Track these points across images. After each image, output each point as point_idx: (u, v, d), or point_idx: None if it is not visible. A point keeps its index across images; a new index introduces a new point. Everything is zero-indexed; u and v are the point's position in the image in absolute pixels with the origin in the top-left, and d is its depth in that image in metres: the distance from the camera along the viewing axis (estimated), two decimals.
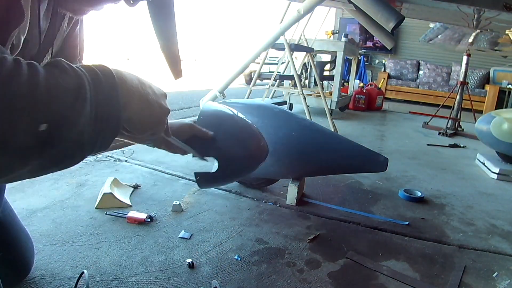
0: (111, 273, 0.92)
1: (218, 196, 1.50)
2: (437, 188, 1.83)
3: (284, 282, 0.95)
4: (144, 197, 1.42)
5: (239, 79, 6.90)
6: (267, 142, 1.32)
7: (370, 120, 4.05)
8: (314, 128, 1.36)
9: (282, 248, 1.12)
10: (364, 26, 2.78)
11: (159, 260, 1.00)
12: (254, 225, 1.27)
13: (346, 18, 7.37)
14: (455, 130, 3.55)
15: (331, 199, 1.56)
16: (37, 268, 0.91)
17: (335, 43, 3.84)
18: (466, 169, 2.26)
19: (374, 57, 7.63)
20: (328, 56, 4.89)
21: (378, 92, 5.16)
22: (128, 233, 1.13)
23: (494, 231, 1.37)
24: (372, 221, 1.38)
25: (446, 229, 1.35)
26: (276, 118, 1.36)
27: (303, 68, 4.34)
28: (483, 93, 6.12)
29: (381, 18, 1.86)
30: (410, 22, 6.34)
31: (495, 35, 3.15)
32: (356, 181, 1.82)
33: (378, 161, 1.32)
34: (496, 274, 1.06)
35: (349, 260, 1.08)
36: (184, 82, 6.41)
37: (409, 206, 1.56)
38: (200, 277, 0.94)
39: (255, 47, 2.28)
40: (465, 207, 1.60)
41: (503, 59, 5.98)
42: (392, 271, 1.04)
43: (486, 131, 2.18)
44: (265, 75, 3.40)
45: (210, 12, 33.96)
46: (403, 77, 6.96)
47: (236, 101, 1.54)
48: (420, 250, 1.18)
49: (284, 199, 1.49)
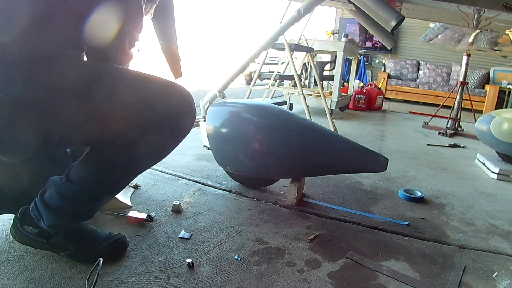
0: (111, 273, 0.92)
1: (218, 196, 1.50)
2: (437, 188, 1.83)
3: (284, 282, 0.95)
4: (144, 197, 1.42)
5: (239, 79, 6.90)
6: (267, 142, 1.33)
7: (370, 120, 4.05)
8: (314, 128, 1.36)
9: (282, 248, 1.12)
10: (364, 26, 2.78)
11: (159, 260, 1.00)
12: (254, 225, 1.27)
13: (346, 18, 7.36)
14: (455, 130, 3.55)
15: (331, 199, 1.56)
16: (37, 268, 0.91)
17: (335, 43, 3.84)
18: (466, 169, 2.26)
19: (374, 57, 7.62)
20: (328, 56, 4.89)
21: (378, 92, 5.15)
22: (128, 233, 1.13)
23: (494, 231, 1.37)
24: (372, 221, 1.38)
25: (446, 229, 1.35)
26: (276, 118, 1.36)
27: (303, 68, 4.34)
28: (483, 93, 6.12)
29: (381, 18, 1.86)
30: (410, 22, 6.33)
31: (495, 35, 3.15)
32: (356, 181, 1.82)
33: (378, 161, 1.32)
34: (496, 274, 1.06)
35: (349, 260, 1.08)
36: (184, 82, 6.39)
37: (409, 206, 1.56)
38: (200, 277, 0.94)
39: (255, 47, 2.28)
40: (465, 207, 1.60)
41: (503, 59, 5.98)
42: (392, 271, 1.04)
43: (486, 131, 2.18)
44: (265, 75, 3.40)
45: (210, 12, 33.94)
46: (403, 77, 6.95)
47: (236, 101, 1.55)
48: (420, 250, 1.18)
49: (284, 199, 1.49)
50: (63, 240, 0.93)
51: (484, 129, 2.21)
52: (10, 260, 0.93)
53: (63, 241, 0.93)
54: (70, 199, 0.89)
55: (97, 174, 0.89)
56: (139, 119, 0.80)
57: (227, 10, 37.30)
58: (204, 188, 1.58)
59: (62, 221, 0.91)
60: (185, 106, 0.86)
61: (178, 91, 0.85)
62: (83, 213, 0.94)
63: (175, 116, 0.85)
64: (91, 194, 0.91)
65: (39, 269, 0.90)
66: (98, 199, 0.94)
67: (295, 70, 2.81)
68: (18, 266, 0.92)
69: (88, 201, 0.92)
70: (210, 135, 1.46)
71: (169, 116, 0.83)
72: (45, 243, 0.93)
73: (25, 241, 0.94)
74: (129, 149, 0.84)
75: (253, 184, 1.59)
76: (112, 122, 0.78)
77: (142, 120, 0.80)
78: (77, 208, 0.91)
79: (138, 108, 0.79)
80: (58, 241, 0.93)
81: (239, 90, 6.10)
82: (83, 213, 0.94)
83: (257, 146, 1.33)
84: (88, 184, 0.89)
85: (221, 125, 1.42)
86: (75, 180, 0.89)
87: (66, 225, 0.93)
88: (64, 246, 0.93)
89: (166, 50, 0.94)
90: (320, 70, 4.41)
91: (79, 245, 0.94)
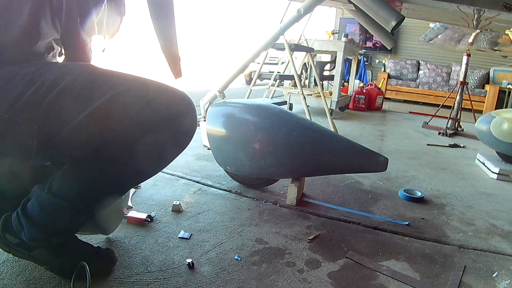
0: (111, 273, 0.92)
1: (218, 196, 1.50)
2: (437, 188, 1.83)
3: (284, 282, 0.95)
4: (144, 197, 1.42)
5: (239, 79, 6.90)
6: (267, 142, 1.33)
7: (370, 120, 4.05)
8: (314, 128, 1.36)
9: (282, 248, 1.12)
10: (364, 26, 2.78)
11: (159, 260, 1.00)
12: (254, 225, 1.27)
13: (346, 18, 7.36)
14: (455, 130, 3.55)
15: (331, 199, 1.56)
16: (37, 267, 0.91)
17: (335, 43, 3.84)
18: (466, 169, 2.26)
19: (374, 57, 7.62)
20: (328, 56, 4.89)
21: (378, 92, 5.15)
22: (128, 233, 1.13)
23: (494, 231, 1.37)
24: (372, 221, 1.38)
25: (446, 229, 1.35)
26: (276, 118, 1.36)
27: (303, 68, 4.34)
28: (483, 93, 6.12)
29: (381, 18, 1.86)
30: (410, 22, 6.33)
31: (495, 35, 3.14)
32: (356, 181, 1.82)
33: (378, 161, 1.32)
34: (496, 274, 1.06)
35: (349, 260, 1.08)
36: (184, 82, 6.41)
37: (409, 206, 1.56)
38: (200, 277, 0.94)
39: (255, 47, 2.28)
40: (465, 207, 1.60)
41: (503, 59, 5.98)
42: (392, 271, 1.04)
43: (486, 131, 2.18)
44: (265, 75, 3.40)
45: (210, 12, 33.95)
46: (403, 77, 6.95)
47: (236, 101, 1.55)
48: (420, 250, 1.18)
49: (284, 199, 1.49)
50: (45, 254, 0.86)
51: (484, 129, 2.21)
52: (10, 260, 0.93)
53: (45, 255, 0.86)
54: (52, 213, 0.82)
55: (80, 187, 0.81)
56: (140, 119, 0.75)
57: (227, 10, 37.29)
58: (204, 188, 1.58)
59: (44, 236, 0.84)
60: (185, 106, 0.84)
61: (176, 92, 0.83)
62: (67, 228, 0.87)
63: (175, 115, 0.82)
64: (75, 208, 0.83)
65: (39, 269, 0.90)
66: (84, 214, 0.86)
67: (295, 70, 2.81)
68: (18, 266, 0.92)
69: (72, 215, 0.84)
70: (210, 135, 1.46)
71: (170, 116, 0.80)
72: (27, 255, 0.86)
73: (7, 250, 0.87)
74: (129, 150, 0.77)
75: (253, 184, 1.59)
76: (113, 122, 0.75)
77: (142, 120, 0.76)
78: (60, 222, 0.84)
79: (138, 108, 0.77)
80: (40, 254, 0.86)
81: (239, 90, 6.10)
82: (68, 227, 0.87)
83: (257, 146, 1.33)
84: (71, 198, 0.81)
85: (221, 125, 1.42)
86: (57, 193, 0.81)
87: (48, 240, 0.85)
88: (46, 259, 0.86)
89: (166, 50, 0.94)
90: (320, 70, 4.41)
91: (62, 261, 0.87)
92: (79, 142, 0.76)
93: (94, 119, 0.72)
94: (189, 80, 7.37)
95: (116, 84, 0.75)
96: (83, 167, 0.80)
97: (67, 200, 0.81)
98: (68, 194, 0.81)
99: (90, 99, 0.73)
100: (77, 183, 0.81)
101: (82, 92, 0.73)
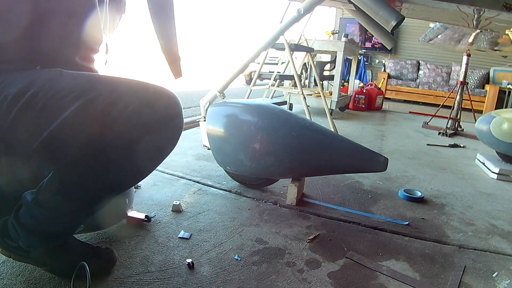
0: (110, 273, 0.92)
1: (218, 196, 1.50)
2: (437, 188, 1.83)
3: (284, 282, 0.95)
4: (144, 197, 1.42)
5: (239, 79, 6.89)
6: (267, 142, 1.33)
7: (370, 120, 4.05)
8: (314, 128, 1.36)
9: (282, 248, 1.12)
10: (364, 26, 2.78)
11: (159, 260, 1.00)
12: (254, 225, 1.27)
13: (346, 18, 7.36)
14: (455, 130, 3.55)
15: (331, 199, 1.56)
16: (37, 268, 0.91)
17: (335, 43, 3.84)
18: (466, 169, 2.26)
19: (374, 57, 7.62)
20: (328, 56, 4.89)
21: (378, 92, 5.15)
22: (128, 233, 1.13)
23: (494, 231, 1.37)
24: (372, 221, 1.38)
25: (446, 229, 1.35)
26: (276, 118, 1.36)
27: (303, 68, 4.34)
28: (483, 93, 6.12)
29: (381, 18, 1.86)
30: (410, 22, 6.33)
31: (495, 35, 3.14)
32: (356, 181, 1.82)
33: (378, 161, 1.32)
34: (496, 274, 1.06)
35: (349, 260, 1.08)
36: (184, 82, 6.41)
37: (409, 206, 1.56)
38: (200, 277, 0.94)
39: (255, 47, 2.28)
40: (465, 207, 1.60)
41: (503, 59, 5.98)
42: (392, 271, 1.04)
43: (486, 131, 2.18)
44: (265, 75, 3.40)
45: (210, 12, 33.96)
46: (403, 77, 6.95)
47: (236, 101, 1.55)
48: (420, 250, 1.18)
49: (284, 199, 1.49)
50: (44, 255, 0.86)
51: (484, 129, 2.21)
52: (10, 260, 0.93)
53: (45, 257, 0.86)
54: (44, 221, 0.82)
55: (62, 197, 0.79)
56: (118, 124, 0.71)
57: (227, 10, 37.29)
58: (204, 188, 1.58)
59: (40, 242, 0.84)
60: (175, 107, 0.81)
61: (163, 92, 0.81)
62: (62, 232, 0.87)
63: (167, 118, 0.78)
64: (64, 217, 0.83)
65: (39, 269, 0.90)
66: (75, 219, 0.86)
67: (295, 70, 2.81)
68: (18, 266, 0.92)
69: (63, 221, 0.84)
70: (210, 135, 1.46)
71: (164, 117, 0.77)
72: (26, 257, 0.86)
73: (7, 254, 0.88)
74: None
75: (253, 184, 1.59)
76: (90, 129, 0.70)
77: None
78: (52, 229, 0.84)
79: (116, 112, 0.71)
80: (40, 256, 0.86)
81: (239, 90, 6.10)
82: (62, 231, 0.87)
83: (257, 146, 1.33)
84: (56, 208, 0.81)
85: (221, 125, 1.42)
86: (44, 204, 0.81)
87: (46, 244, 0.85)
88: (45, 261, 0.87)
89: (166, 50, 0.94)
90: (320, 70, 4.41)
91: (62, 261, 0.87)
92: (56, 153, 0.74)
93: (67, 129, 0.69)
94: (189, 80, 7.36)
95: (89, 89, 0.72)
96: (63, 177, 0.78)
97: (52, 210, 0.81)
98: (52, 203, 0.80)
99: (59, 108, 0.70)
100: (59, 193, 0.79)
101: (48, 103, 0.70)
